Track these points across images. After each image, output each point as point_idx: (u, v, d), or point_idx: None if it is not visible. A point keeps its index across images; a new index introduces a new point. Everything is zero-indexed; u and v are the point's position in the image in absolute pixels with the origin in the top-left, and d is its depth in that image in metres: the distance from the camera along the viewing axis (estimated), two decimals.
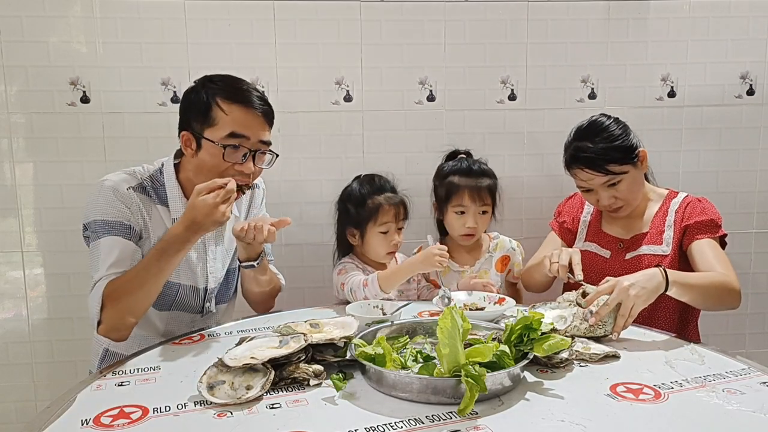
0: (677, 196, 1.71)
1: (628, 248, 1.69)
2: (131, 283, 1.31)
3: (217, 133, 1.38)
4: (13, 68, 1.89)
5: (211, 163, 1.39)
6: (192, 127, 1.41)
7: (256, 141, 1.41)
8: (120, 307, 1.30)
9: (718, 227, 1.62)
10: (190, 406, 1.00)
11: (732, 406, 0.99)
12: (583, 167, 1.61)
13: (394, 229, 1.73)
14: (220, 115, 1.38)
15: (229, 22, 1.95)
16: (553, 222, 1.89)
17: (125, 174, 1.46)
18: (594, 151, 1.59)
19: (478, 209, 1.79)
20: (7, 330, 2.00)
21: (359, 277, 1.64)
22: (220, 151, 1.38)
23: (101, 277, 1.33)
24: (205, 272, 1.54)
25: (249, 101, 1.40)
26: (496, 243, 1.88)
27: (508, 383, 1.04)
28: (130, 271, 1.33)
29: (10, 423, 2.03)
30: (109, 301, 1.30)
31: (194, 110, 1.41)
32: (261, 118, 1.41)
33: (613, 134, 1.61)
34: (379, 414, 0.97)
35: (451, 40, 2.04)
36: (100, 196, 1.40)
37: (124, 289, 1.30)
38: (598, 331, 1.29)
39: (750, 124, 2.15)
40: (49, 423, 0.96)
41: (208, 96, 1.39)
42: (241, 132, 1.38)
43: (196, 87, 1.44)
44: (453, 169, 1.83)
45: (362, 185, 1.77)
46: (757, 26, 2.11)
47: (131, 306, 1.32)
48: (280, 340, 1.15)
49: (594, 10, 2.07)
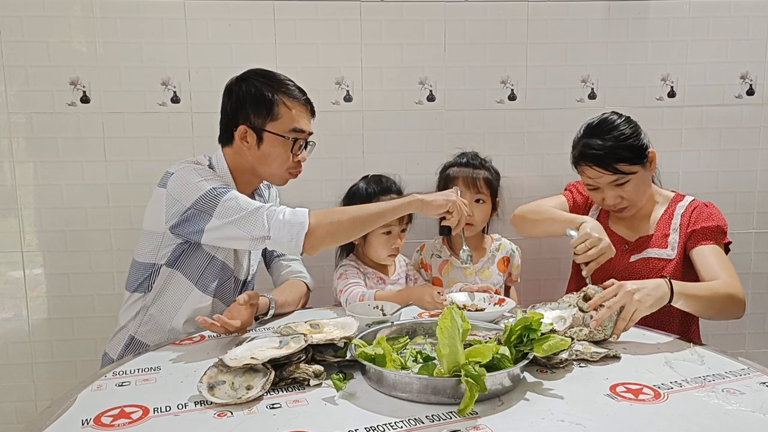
0: (683, 199, 1.69)
1: (632, 250, 1.67)
2: (349, 212, 1.44)
3: (281, 127, 1.50)
4: (13, 68, 1.89)
5: (276, 155, 1.51)
6: (250, 121, 1.49)
7: (308, 133, 1.56)
8: (336, 223, 1.41)
9: (724, 234, 1.61)
10: (190, 406, 1.00)
11: (731, 406, 0.99)
12: (591, 165, 1.59)
13: (398, 231, 1.73)
14: (284, 111, 1.50)
15: (229, 22, 1.95)
16: (566, 192, 1.85)
17: (194, 163, 1.51)
18: (603, 149, 1.57)
19: (472, 197, 1.80)
20: (7, 330, 2.00)
21: (357, 290, 1.63)
22: (289, 144, 1.51)
23: (270, 205, 1.43)
24: (248, 265, 1.64)
25: (303, 97, 1.54)
26: (499, 244, 1.90)
27: (508, 383, 1.04)
28: (337, 209, 1.48)
29: (10, 423, 2.03)
30: (323, 216, 1.41)
31: (253, 104, 1.49)
32: (309, 111, 1.57)
33: (623, 133, 1.59)
34: (379, 414, 0.97)
35: (451, 40, 2.04)
36: (198, 171, 1.45)
37: (338, 213, 1.44)
38: (598, 335, 1.29)
39: (750, 124, 2.15)
40: (49, 423, 0.96)
41: (269, 92, 1.49)
42: (302, 127, 1.53)
43: (248, 81, 1.51)
44: (453, 162, 1.89)
45: (369, 185, 1.77)
46: (757, 26, 2.11)
47: (344, 226, 1.42)
48: (280, 341, 1.15)
49: (594, 10, 2.07)
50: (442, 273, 1.88)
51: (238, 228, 1.39)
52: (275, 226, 1.39)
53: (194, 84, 1.96)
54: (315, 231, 1.39)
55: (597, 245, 1.46)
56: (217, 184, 1.43)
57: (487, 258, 1.87)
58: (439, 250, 1.90)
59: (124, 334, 1.55)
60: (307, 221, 1.39)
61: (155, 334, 1.53)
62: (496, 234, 1.93)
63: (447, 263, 1.88)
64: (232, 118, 1.52)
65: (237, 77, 1.54)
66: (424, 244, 1.95)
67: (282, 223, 1.38)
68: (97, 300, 1.99)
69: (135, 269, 1.55)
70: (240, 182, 1.55)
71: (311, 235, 1.39)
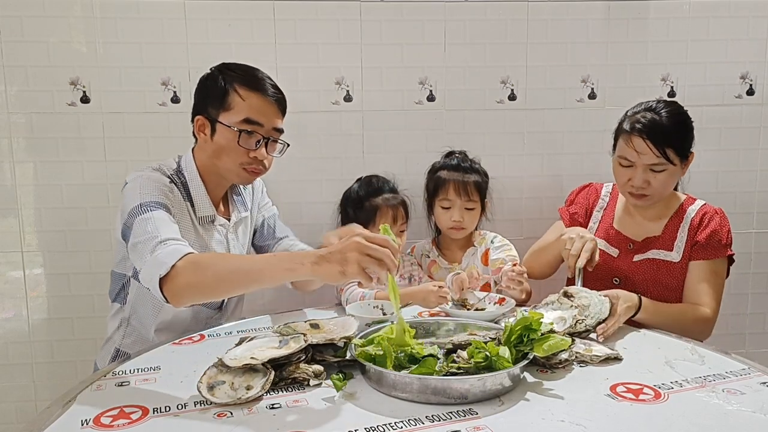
0: (694, 203, 1.67)
1: (637, 250, 1.65)
2: (223, 266, 1.17)
3: (232, 118, 1.42)
4: (13, 68, 1.89)
5: (229, 148, 1.42)
6: (207, 112, 1.44)
7: (269, 128, 1.45)
8: (200, 277, 1.16)
9: (726, 247, 1.59)
10: (190, 406, 1.00)
11: (732, 406, 0.99)
12: (645, 137, 1.54)
13: (395, 232, 1.73)
14: (237, 101, 1.41)
15: (229, 22, 1.95)
16: (564, 210, 1.83)
17: (153, 170, 1.43)
18: (666, 128, 1.54)
19: (463, 204, 1.79)
20: (7, 330, 2.00)
21: (357, 290, 1.63)
22: (235, 136, 1.41)
23: (171, 237, 1.23)
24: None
25: (264, 89, 1.44)
26: (482, 238, 1.88)
27: (508, 383, 1.04)
28: (223, 255, 1.33)
29: (10, 423, 2.03)
30: (192, 265, 1.17)
31: (210, 95, 1.44)
32: (275, 106, 1.46)
33: (686, 123, 1.59)
34: (379, 414, 0.97)
35: (451, 40, 2.04)
36: (143, 183, 1.36)
37: (212, 265, 1.17)
38: (579, 326, 1.29)
39: (750, 124, 2.15)
40: (49, 423, 0.96)
41: (225, 82, 1.43)
42: (255, 119, 1.42)
43: (212, 73, 1.48)
44: (442, 164, 1.87)
45: (361, 187, 1.78)
46: (757, 26, 2.11)
47: (207, 283, 1.16)
48: (280, 341, 1.15)
49: (594, 10, 2.07)
50: (431, 272, 1.88)
51: (133, 253, 1.28)
52: (149, 262, 1.21)
53: (194, 84, 1.93)
54: (175, 277, 1.16)
55: (580, 242, 1.48)
56: (148, 200, 1.32)
57: (470, 254, 1.86)
58: (428, 251, 1.91)
59: (111, 347, 1.54)
60: (171, 264, 1.17)
61: (139, 345, 1.49)
62: (484, 230, 1.91)
63: (434, 263, 1.88)
64: (194, 108, 1.48)
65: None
66: (414, 246, 1.95)
67: (153, 260, 1.20)
68: (97, 300, 1.98)
69: (113, 279, 1.53)
70: (210, 182, 1.49)
71: (170, 281, 1.17)
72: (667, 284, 1.62)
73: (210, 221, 1.50)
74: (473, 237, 1.89)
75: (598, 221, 1.76)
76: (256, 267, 1.14)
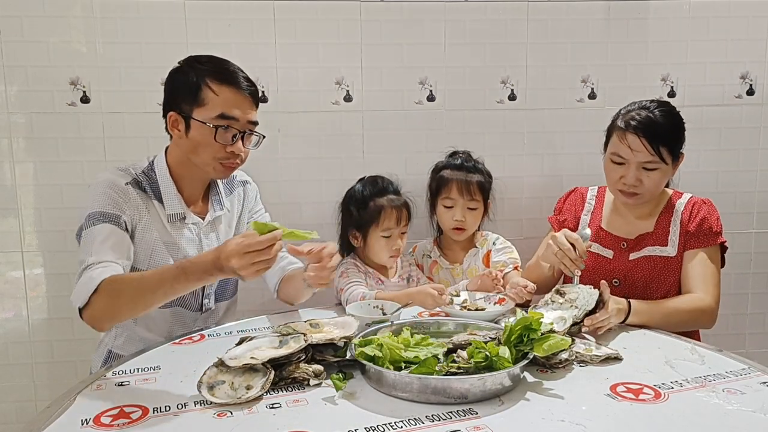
0: (682, 196, 1.68)
1: (631, 248, 1.66)
2: (135, 287, 1.24)
3: (207, 114, 1.39)
4: (13, 68, 1.88)
5: (205, 143, 1.40)
6: (180, 108, 1.42)
7: (245, 122, 1.43)
8: (114, 303, 1.23)
9: (717, 235, 1.61)
10: (190, 406, 1.00)
11: (732, 406, 0.99)
12: (640, 135, 1.54)
13: (397, 233, 1.73)
14: (210, 96, 1.39)
15: (229, 22, 1.95)
16: (553, 218, 1.84)
17: (119, 170, 1.45)
18: (660, 127, 1.55)
19: (466, 203, 1.79)
20: (7, 330, 2.00)
21: (358, 290, 1.63)
22: (212, 132, 1.39)
23: (95, 262, 1.28)
24: None
25: (237, 82, 1.42)
26: (484, 239, 1.88)
27: (508, 383, 1.04)
28: (137, 275, 1.31)
29: (10, 423, 2.03)
30: (106, 293, 1.22)
31: (182, 90, 1.41)
32: (249, 99, 1.43)
33: (680, 123, 1.60)
34: (379, 414, 0.97)
35: (451, 40, 2.04)
36: (96, 190, 1.39)
37: (125, 289, 1.24)
38: (568, 313, 1.30)
39: (750, 124, 2.15)
40: (49, 423, 0.96)
41: (197, 76, 1.40)
42: (230, 113, 1.40)
43: (182, 68, 1.45)
44: (446, 164, 1.87)
45: (365, 187, 1.77)
46: (757, 26, 2.11)
47: (122, 308, 1.24)
48: (280, 340, 1.15)
49: (594, 10, 2.07)
50: (432, 273, 1.88)
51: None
52: (75, 287, 1.25)
53: None
54: (90, 306, 1.22)
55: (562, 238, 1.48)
56: (97, 209, 1.35)
57: (471, 255, 1.86)
58: (430, 251, 1.91)
59: (103, 349, 1.54)
60: (88, 295, 1.22)
61: (131, 345, 1.48)
62: (486, 231, 1.91)
63: (436, 264, 1.88)
64: (165, 104, 1.45)
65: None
66: (416, 245, 1.95)
67: (77, 288, 1.25)
68: None
69: None
70: (185, 178, 1.48)
71: (87, 310, 1.23)
72: (667, 280, 1.62)
73: (180, 219, 1.49)
74: (475, 238, 1.89)
75: (586, 225, 1.77)
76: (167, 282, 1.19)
